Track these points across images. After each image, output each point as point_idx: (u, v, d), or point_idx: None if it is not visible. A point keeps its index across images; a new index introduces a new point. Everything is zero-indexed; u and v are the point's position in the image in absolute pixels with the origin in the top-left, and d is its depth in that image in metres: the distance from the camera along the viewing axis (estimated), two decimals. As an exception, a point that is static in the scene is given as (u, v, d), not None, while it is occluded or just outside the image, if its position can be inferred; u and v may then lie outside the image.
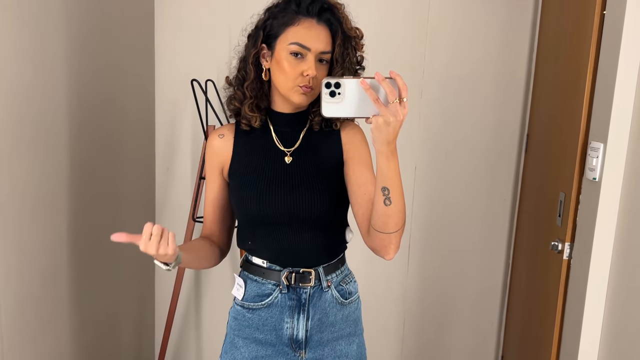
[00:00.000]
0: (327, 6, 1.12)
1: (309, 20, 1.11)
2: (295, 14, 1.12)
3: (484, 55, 2.22)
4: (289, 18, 1.12)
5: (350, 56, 1.14)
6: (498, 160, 2.29)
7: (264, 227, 1.19)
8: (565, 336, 1.58)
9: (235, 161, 1.22)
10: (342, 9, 1.14)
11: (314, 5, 1.11)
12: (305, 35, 1.11)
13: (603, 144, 1.36)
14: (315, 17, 1.12)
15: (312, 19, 1.12)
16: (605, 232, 1.38)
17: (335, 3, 1.13)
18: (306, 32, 1.11)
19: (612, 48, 1.34)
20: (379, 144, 0.99)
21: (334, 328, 1.24)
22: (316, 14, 1.12)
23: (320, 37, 1.11)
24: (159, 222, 2.38)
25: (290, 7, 1.12)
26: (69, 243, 1.69)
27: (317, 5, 1.11)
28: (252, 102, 1.18)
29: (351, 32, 1.13)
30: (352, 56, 1.14)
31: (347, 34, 1.13)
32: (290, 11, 1.12)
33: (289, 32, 1.12)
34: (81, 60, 1.69)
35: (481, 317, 2.41)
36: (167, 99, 2.29)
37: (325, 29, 1.12)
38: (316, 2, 1.12)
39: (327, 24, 1.13)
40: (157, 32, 2.25)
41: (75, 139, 1.68)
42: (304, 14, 1.11)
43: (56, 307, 1.66)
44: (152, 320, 2.45)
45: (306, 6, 1.11)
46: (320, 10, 1.12)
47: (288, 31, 1.12)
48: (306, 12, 1.11)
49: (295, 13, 1.12)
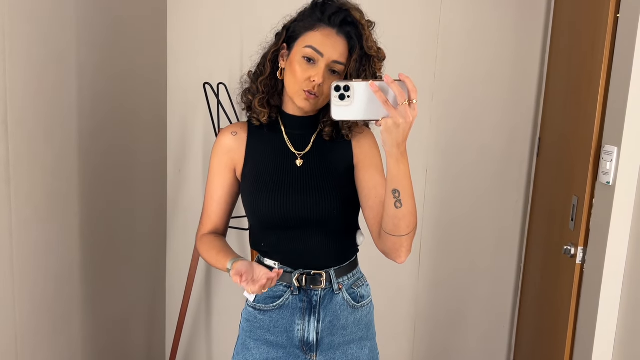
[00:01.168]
0: (350, 20, 1.13)
1: (329, 29, 1.13)
2: (318, 20, 1.14)
3: (495, 57, 2.21)
4: (311, 23, 1.14)
5: (367, 74, 1.14)
6: (510, 164, 2.28)
7: (275, 230, 1.20)
8: (578, 341, 1.56)
9: (248, 162, 1.22)
10: (367, 26, 1.14)
11: (337, 16, 1.13)
12: (321, 41, 1.12)
13: (617, 147, 1.35)
14: (336, 27, 1.13)
15: (333, 29, 1.13)
16: (619, 237, 1.37)
17: (361, 19, 1.13)
18: (323, 39, 1.12)
19: (626, 51, 1.33)
20: (389, 146, 0.99)
21: (345, 331, 1.24)
22: (337, 24, 1.13)
23: (336, 46, 1.12)
24: (171, 223, 2.40)
25: (315, 13, 1.15)
26: (82, 244, 1.71)
27: (340, 17, 1.13)
28: (263, 97, 1.20)
29: (371, 51, 1.13)
30: (368, 74, 1.14)
31: (367, 51, 1.13)
32: (314, 17, 1.14)
33: (308, 36, 1.13)
34: (94, 63, 1.71)
35: (493, 321, 2.39)
36: (179, 102, 2.31)
37: (344, 41, 1.13)
38: (340, 13, 1.13)
39: (347, 37, 1.14)
40: (170, 35, 2.27)
41: (88, 141, 1.70)
42: (326, 22, 1.13)
43: (69, 308, 1.67)
44: (164, 321, 2.46)
45: (329, 15, 1.13)
46: (343, 22, 1.13)
47: (307, 35, 1.14)
48: (328, 20, 1.13)
49: (318, 19, 1.14)
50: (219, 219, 1.27)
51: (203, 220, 1.28)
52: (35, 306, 1.50)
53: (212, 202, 1.25)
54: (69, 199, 1.63)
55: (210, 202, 1.26)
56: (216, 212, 1.26)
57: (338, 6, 1.14)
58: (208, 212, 1.26)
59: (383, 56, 1.17)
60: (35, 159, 1.46)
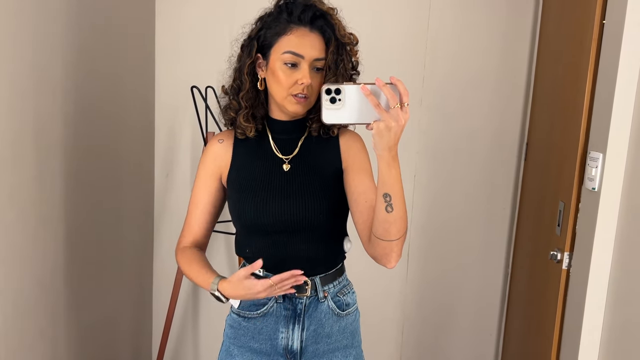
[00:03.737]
0: (319, 13, 1.12)
1: (302, 28, 1.11)
2: (288, 23, 1.11)
3: (483, 63, 2.22)
4: (282, 27, 1.12)
5: (345, 62, 1.13)
6: (498, 169, 2.29)
7: (261, 236, 1.18)
8: (564, 345, 1.57)
9: (233, 168, 1.21)
10: (334, 14, 1.13)
11: (306, 13, 1.11)
12: (299, 43, 1.10)
13: (602, 153, 1.36)
14: (307, 25, 1.11)
15: (305, 27, 1.11)
16: (604, 242, 1.38)
17: (328, 9, 1.13)
18: (299, 41, 1.10)
19: (612, 58, 1.34)
20: (380, 149, 0.98)
21: (330, 339, 1.23)
22: (308, 21, 1.11)
23: (313, 44, 1.11)
24: (158, 228, 2.38)
25: (282, 16, 1.12)
26: (67, 249, 1.68)
27: (309, 13, 1.11)
28: (247, 112, 1.18)
29: (344, 39, 1.13)
30: (346, 62, 1.13)
31: (341, 40, 1.12)
32: (283, 20, 1.12)
33: (282, 41, 1.11)
34: (80, 65, 1.70)
35: (480, 325, 2.40)
36: (167, 105, 2.30)
37: (319, 36, 1.12)
38: (308, 10, 1.11)
39: (320, 31, 1.12)
40: (158, 38, 2.26)
41: (74, 144, 1.68)
42: (296, 23, 1.11)
43: (54, 312, 1.65)
44: (150, 327, 2.43)
45: (298, 14, 1.11)
46: (313, 17, 1.11)
47: (281, 40, 1.11)
48: (298, 20, 1.11)
49: (287, 22, 1.11)
50: (200, 230, 1.24)
51: (184, 231, 1.25)
52: (20, 310, 1.47)
53: (196, 210, 1.23)
54: (54, 203, 1.61)
55: (194, 211, 1.24)
56: (199, 222, 1.24)
57: (303, 3, 1.12)
58: (190, 222, 1.24)
59: (356, 40, 1.16)
60: (19, 162, 1.44)
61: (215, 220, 1.27)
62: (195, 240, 1.25)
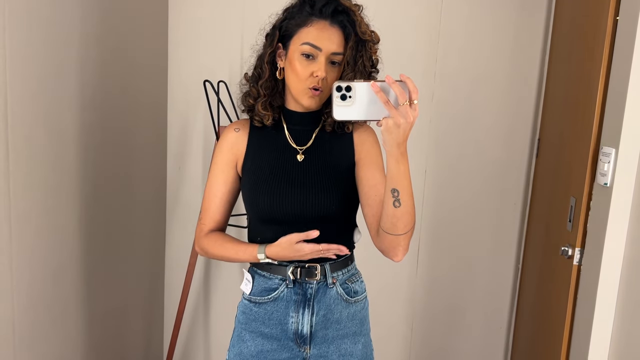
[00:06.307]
0: (341, 8, 1.13)
1: (322, 21, 1.13)
2: (309, 15, 1.13)
3: (495, 58, 2.21)
4: (303, 19, 1.14)
5: (364, 59, 1.14)
6: (509, 164, 2.28)
7: (273, 224, 1.20)
8: (574, 342, 1.57)
9: (249, 156, 1.23)
10: (357, 11, 1.14)
11: (328, 6, 1.13)
12: (317, 36, 1.12)
13: (615, 149, 1.35)
14: (328, 18, 1.13)
15: (325, 21, 1.13)
16: (615, 238, 1.37)
17: (351, 5, 1.14)
18: (318, 33, 1.12)
19: (625, 53, 1.34)
20: (389, 146, 1.00)
21: (339, 325, 1.25)
22: (329, 15, 1.13)
23: (332, 38, 1.12)
24: (170, 220, 2.41)
25: (305, 8, 1.14)
26: (81, 239, 1.71)
27: (331, 7, 1.13)
28: (265, 100, 1.20)
29: (365, 36, 1.14)
30: (365, 59, 1.14)
31: (361, 37, 1.13)
32: (305, 12, 1.14)
33: (302, 32, 1.13)
34: (94, 59, 1.72)
35: (490, 321, 2.40)
36: (179, 99, 2.32)
37: (339, 31, 1.14)
38: (330, 4, 1.13)
39: (341, 26, 1.14)
40: (171, 32, 2.27)
41: (88, 138, 1.71)
42: (317, 16, 1.13)
43: (67, 302, 1.68)
44: (162, 317, 2.47)
45: (320, 7, 1.13)
46: (334, 12, 1.13)
47: (301, 32, 1.13)
48: (319, 13, 1.13)
49: (309, 14, 1.13)
50: (220, 216, 1.27)
51: (204, 219, 1.27)
52: (34, 300, 1.50)
53: (215, 199, 1.25)
54: (69, 194, 1.63)
55: (212, 199, 1.26)
56: (218, 209, 1.26)
57: None
58: (209, 210, 1.26)
59: (377, 39, 1.17)
60: (35, 154, 1.46)
61: (233, 206, 1.30)
62: (218, 226, 1.28)
